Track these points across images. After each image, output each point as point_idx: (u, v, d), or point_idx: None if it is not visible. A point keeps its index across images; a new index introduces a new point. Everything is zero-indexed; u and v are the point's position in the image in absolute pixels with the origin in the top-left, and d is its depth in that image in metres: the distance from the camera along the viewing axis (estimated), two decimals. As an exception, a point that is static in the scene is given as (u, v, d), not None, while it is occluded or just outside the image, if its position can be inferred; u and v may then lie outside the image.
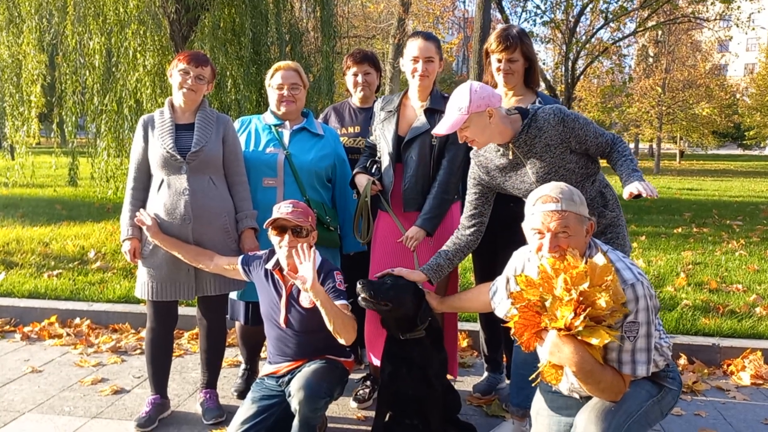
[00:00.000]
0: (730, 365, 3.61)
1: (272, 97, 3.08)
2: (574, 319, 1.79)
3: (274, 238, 2.56)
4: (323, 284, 2.49)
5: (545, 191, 2.03)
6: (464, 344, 3.90)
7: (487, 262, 3.04)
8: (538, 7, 13.45)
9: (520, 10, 13.93)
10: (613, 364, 1.92)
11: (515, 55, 2.80)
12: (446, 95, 2.73)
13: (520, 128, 2.39)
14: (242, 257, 2.75)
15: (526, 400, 2.41)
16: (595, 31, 14.06)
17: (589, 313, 1.79)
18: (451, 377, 2.95)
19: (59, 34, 8.23)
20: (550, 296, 1.85)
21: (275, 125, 3.07)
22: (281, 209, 2.53)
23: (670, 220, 9.02)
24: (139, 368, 3.55)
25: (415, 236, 2.79)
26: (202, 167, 2.79)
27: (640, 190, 2.16)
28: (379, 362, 2.78)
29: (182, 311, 3.23)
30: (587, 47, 13.63)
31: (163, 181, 2.79)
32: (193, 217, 2.76)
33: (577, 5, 13.36)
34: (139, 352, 3.81)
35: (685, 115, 25.41)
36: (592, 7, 13.21)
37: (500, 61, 2.82)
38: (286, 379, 2.59)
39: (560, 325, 1.81)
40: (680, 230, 7.95)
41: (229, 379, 3.39)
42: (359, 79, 3.36)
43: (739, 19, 14.39)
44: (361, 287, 2.47)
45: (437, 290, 2.75)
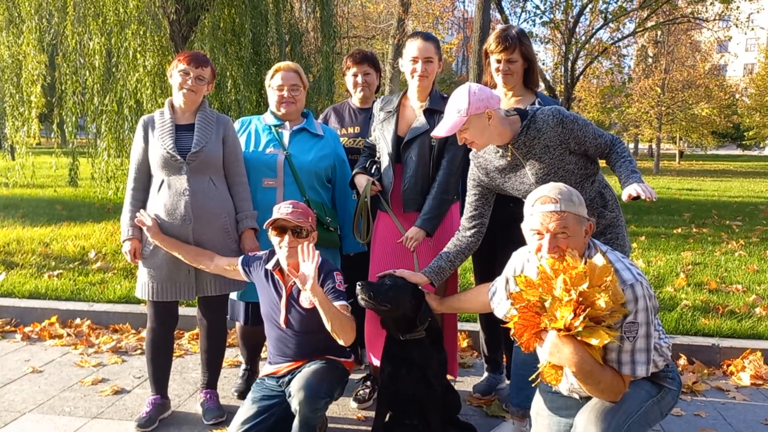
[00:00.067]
0: (729, 365, 3.61)
1: (272, 98, 3.08)
2: (573, 319, 1.79)
3: (274, 238, 2.56)
4: (323, 284, 2.50)
5: (544, 192, 2.04)
6: (464, 344, 3.91)
7: (486, 262, 3.05)
8: (537, 7, 13.45)
9: (519, 10, 13.93)
10: (612, 364, 1.92)
11: (514, 55, 2.81)
12: (446, 96, 2.73)
13: (519, 130, 2.40)
14: (242, 258, 2.75)
15: (526, 400, 2.41)
16: (594, 31, 14.05)
17: (588, 313, 1.79)
18: (451, 377, 2.95)
19: (59, 34, 8.24)
20: (549, 297, 1.85)
21: (275, 126, 3.08)
22: (281, 210, 2.53)
23: (669, 220, 9.02)
24: (139, 368, 3.56)
25: (414, 236, 2.79)
26: (202, 168, 2.80)
27: (638, 192, 2.17)
28: (379, 362, 2.78)
29: (183, 311, 3.23)
30: (587, 47, 13.62)
31: (163, 181, 2.79)
32: (193, 217, 2.76)
33: (576, 5, 13.35)
34: (139, 352, 3.81)
35: (684, 115, 25.40)
36: (591, 7, 13.20)
37: (499, 61, 2.83)
38: (286, 379, 2.59)
39: (560, 325, 1.82)
40: (680, 230, 7.95)
41: (229, 379, 3.40)
42: (359, 79, 3.36)
43: (738, 19, 14.38)
44: (360, 288, 2.47)
45: (437, 291, 2.75)
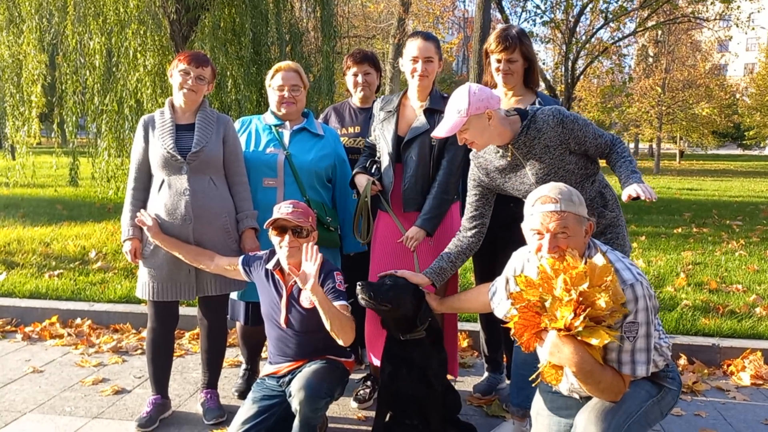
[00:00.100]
0: (730, 365, 3.61)
1: (272, 98, 3.08)
2: (573, 319, 1.79)
3: (274, 238, 2.56)
4: (323, 284, 2.50)
5: (544, 192, 2.04)
6: (464, 344, 3.91)
7: (486, 262, 3.05)
8: (538, 7, 13.45)
9: (520, 10, 13.94)
10: (612, 364, 1.92)
11: (515, 55, 2.81)
12: (446, 95, 2.74)
13: (519, 130, 2.40)
14: (243, 257, 2.75)
15: (526, 400, 2.41)
16: (595, 31, 14.06)
17: (588, 313, 1.79)
18: (451, 377, 2.95)
19: (59, 34, 8.24)
20: (549, 297, 1.85)
21: (275, 125, 3.08)
22: (281, 209, 2.53)
23: (669, 220, 9.02)
24: (140, 368, 3.56)
25: (415, 236, 2.79)
26: (202, 167, 2.80)
27: (638, 192, 2.17)
28: (379, 362, 2.78)
29: (183, 311, 3.24)
30: (587, 47, 13.62)
31: (163, 181, 2.79)
32: (193, 217, 2.76)
33: (577, 5, 13.35)
34: (140, 352, 3.81)
35: (684, 115, 25.41)
36: (591, 7, 13.21)
37: (500, 61, 2.83)
38: (286, 379, 2.59)
39: (560, 325, 1.82)
40: (680, 230, 7.95)
41: (229, 379, 3.40)
42: (359, 79, 3.36)
43: (738, 18, 14.39)
44: (360, 288, 2.47)
45: (437, 291, 2.75)
